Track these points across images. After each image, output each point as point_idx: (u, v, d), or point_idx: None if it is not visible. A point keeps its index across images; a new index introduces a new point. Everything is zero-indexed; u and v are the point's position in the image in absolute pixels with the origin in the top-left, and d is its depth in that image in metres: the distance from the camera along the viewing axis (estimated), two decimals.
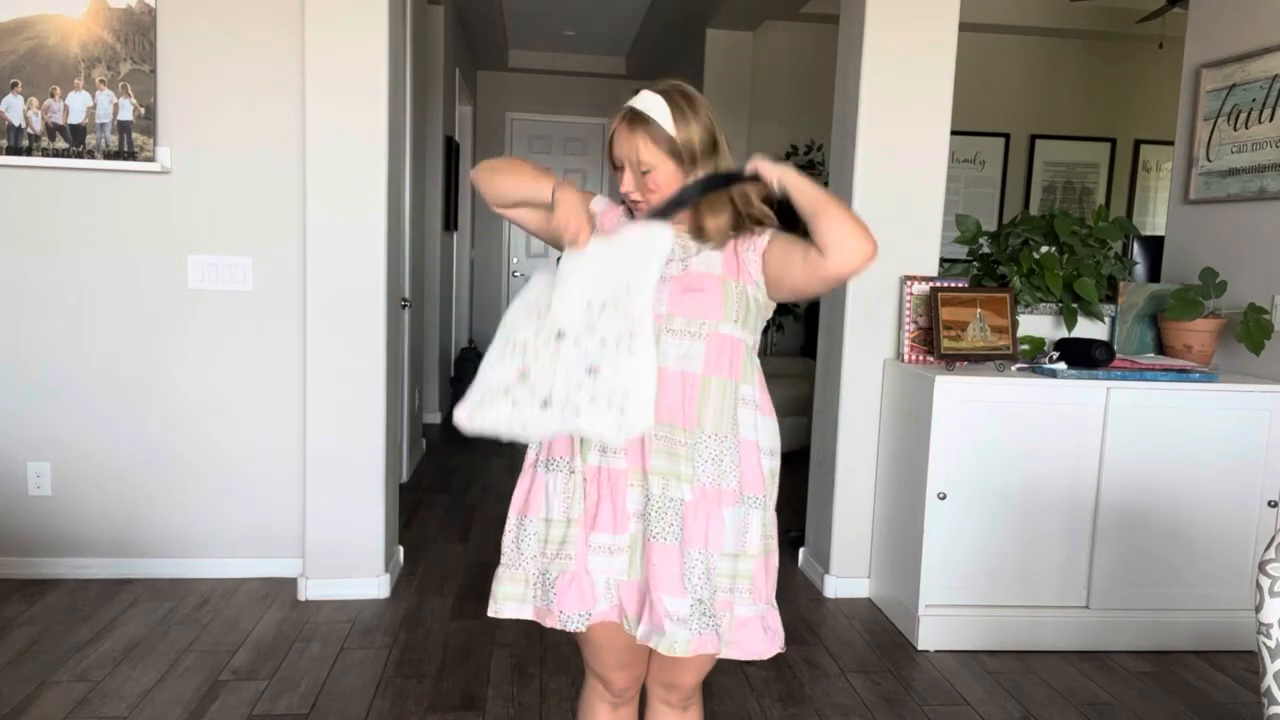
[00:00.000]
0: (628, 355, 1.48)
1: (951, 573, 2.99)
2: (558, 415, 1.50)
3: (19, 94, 3.12)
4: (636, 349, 1.49)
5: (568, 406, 1.49)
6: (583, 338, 1.51)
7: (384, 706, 2.51)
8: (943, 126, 3.30)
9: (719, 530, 1.55)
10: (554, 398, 1.50)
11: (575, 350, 1.51)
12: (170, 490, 3.34)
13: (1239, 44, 3.38)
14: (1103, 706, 2.68)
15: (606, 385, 1.48)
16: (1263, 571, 1.50)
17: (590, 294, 1.53)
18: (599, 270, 1.54)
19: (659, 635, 1.52)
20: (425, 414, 5.91)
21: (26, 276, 3.22)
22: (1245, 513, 3.04)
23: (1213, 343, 3.25)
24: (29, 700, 2.47)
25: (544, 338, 1.53)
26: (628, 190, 1.59)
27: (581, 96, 8.39)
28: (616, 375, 1.48)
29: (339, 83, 3.07)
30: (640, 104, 1.57)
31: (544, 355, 1.53)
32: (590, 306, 1.52)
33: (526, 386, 1.52)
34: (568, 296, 1.54)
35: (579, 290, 1.53)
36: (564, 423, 1.50)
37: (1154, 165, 6.57)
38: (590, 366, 1.49)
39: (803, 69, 6.34)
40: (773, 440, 1.63)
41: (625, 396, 1.47)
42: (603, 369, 1.49)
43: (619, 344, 1.49)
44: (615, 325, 1.50)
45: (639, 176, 1.57)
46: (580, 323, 1.52)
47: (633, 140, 1.56)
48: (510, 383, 1.54)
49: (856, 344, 3.36)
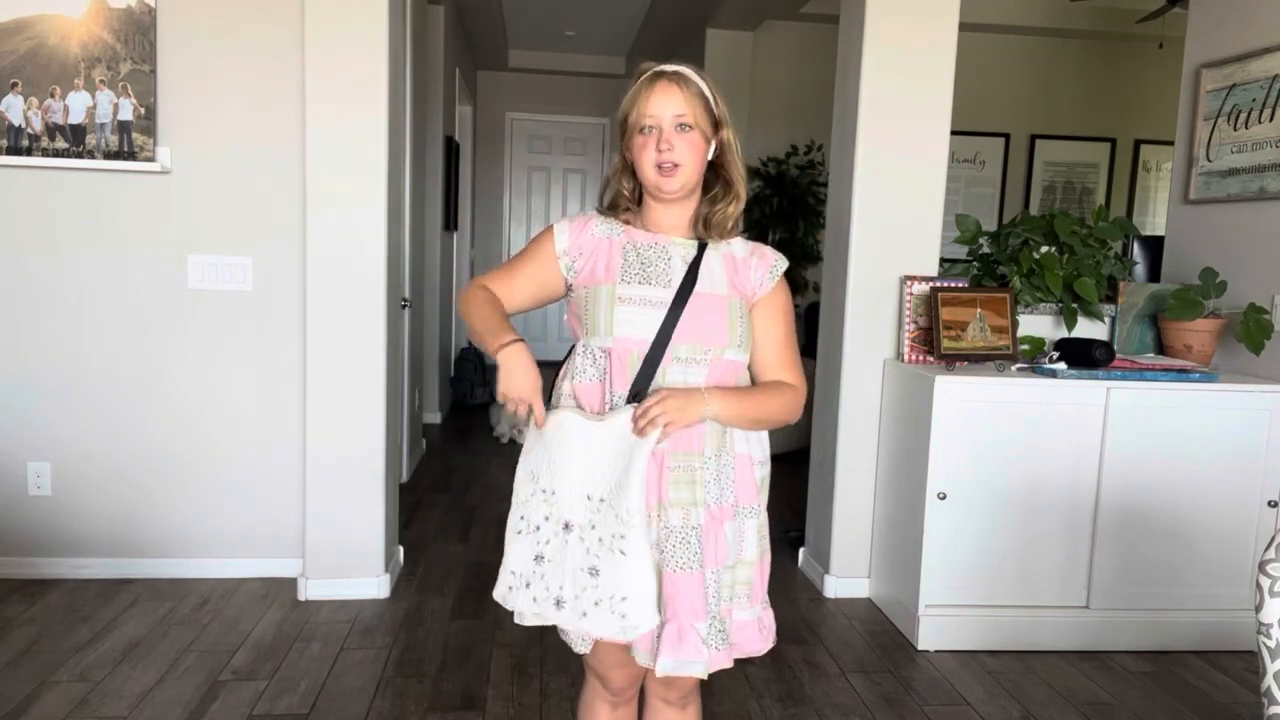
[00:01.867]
0: (620, 558, 1.46)
1: (951, 573, 2.99)
2: (569, 616, 1.51)
3: (19, 94, 3.12)
4: (629, 551, 1.46)
5: (576, 608, 1.50)
6: (585, 533, 1.50)
7: (384, 706, 2.51)
8: (943, 126, 3.30)
9: (722, 546, 1.56)
10: (565, 597, 1.51)
11: (579, 546, 1.50)
12: (170, 490, 3.34)
13: (1239, 44, 3.38)
14: (1103, 706, 2.68)
15: (607, 589, 1.48)
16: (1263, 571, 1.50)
17: (588, 485, 1.50)
18: (592, 460, 1.50)
19: (691, 663, 1.53)
20: (425, 414, 5.91)
21: (27, 277, 3.22)
22: (1245, 513, 3.04)
23: (1213, 343, 3.25)
24: (29, 700, 2.46)
25: (553, 525, 1.52)
26: (661, 151, 1.50)
27: (581, 96, 8.40)
28: (613, 579, 1.47)
29: (339, 83, 3.07)
30: (673, 68, 1.53)
31: (554, 544, 1.52)
32: (590, 500, 1.50)
33: (542, 583, 1.52)
34: (566, 481, 1.51)
35: (577, 478, 1.50)
36: (575, 624, 1.51)
37: (1154, 165, 6.57)
38: (591, 567, 1.49)
39: (803, 69, 6.34)
40: (764, 449, 1.64)
41: (624, 600, 1.46)
42: (601, 571, 1.48)
43: (612, 545, 1.47)
44: (609, 524, 1.48)
45: (679, 134, 1.49)
46: (583, 517, 1.50)
47: (676, 93, 1.50)
48: (529, 572, 1.54)
49: (856, 344, 3.36)
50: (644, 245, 1.57)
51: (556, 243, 1.58)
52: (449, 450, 5.55)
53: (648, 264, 1.55)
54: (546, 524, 1.52)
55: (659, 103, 1.50)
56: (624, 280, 1.53)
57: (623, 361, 1.52)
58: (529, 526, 1.54)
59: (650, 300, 1.52)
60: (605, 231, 1.59)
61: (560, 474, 1.51)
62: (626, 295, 1.52)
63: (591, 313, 1.54)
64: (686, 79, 1.51)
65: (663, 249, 1.57)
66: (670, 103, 1.50)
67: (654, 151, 1.50)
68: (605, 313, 1.52)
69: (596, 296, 1.54)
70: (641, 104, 1.51)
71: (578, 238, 1.58)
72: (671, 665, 1.53)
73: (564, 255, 1.58)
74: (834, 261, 3.49)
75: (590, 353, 1.56)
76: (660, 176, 1.51)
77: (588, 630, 1.51)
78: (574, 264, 1.58)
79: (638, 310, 1.52)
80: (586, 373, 1.56)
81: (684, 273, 1.55)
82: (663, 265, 1.55)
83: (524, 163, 8.56)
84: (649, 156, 1.51)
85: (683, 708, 1.74)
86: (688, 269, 1.55)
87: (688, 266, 1.55)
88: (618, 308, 1.52)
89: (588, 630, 1.51)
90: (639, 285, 1.53)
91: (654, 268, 1.55)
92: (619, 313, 1.52)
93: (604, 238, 1.58)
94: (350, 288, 3.15)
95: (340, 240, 3.12)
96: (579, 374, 1.57)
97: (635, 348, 1.51)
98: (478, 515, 4.28)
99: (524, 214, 8.64)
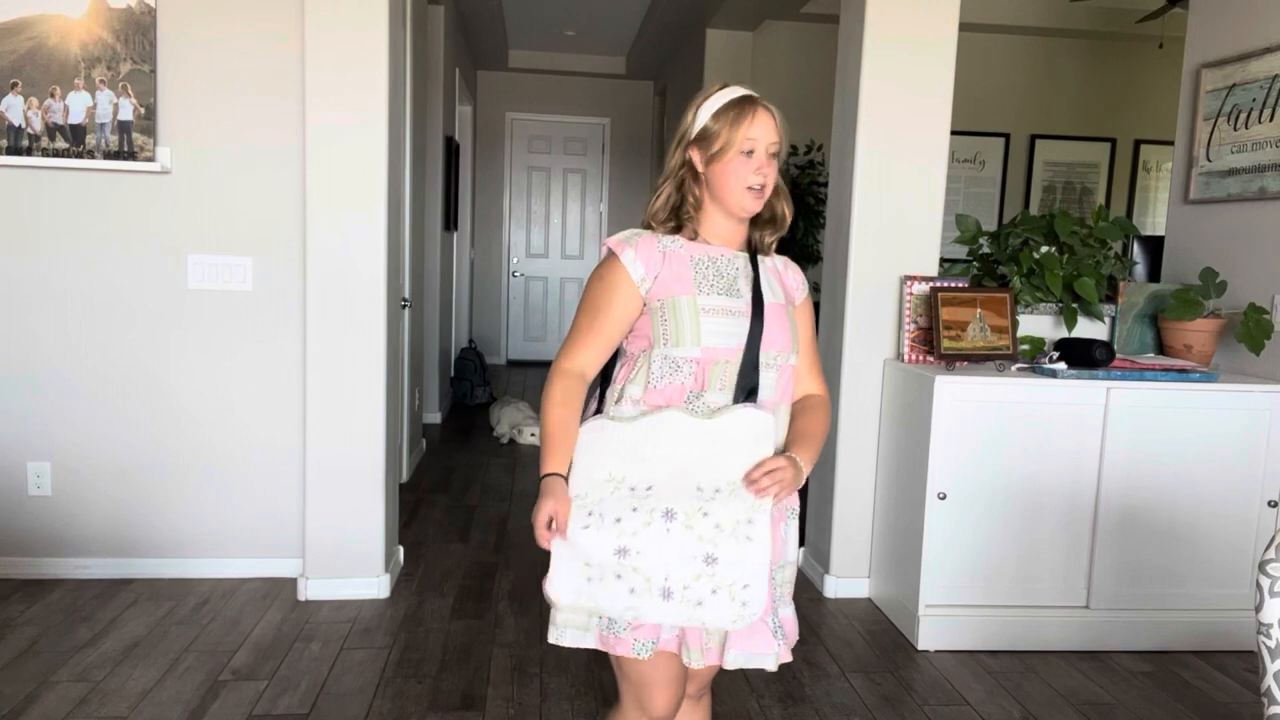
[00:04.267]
0: (746, 543, 1.49)
1: (951, 573, 2.99)
2: (678, 606, 1.50)
3: (19, 94, 3.12)
4: (755, 535, 1.49)
5: (688, 597, 1.49)
6: (694, 520, 1.50)
7: (384, 706, 2.51)
8: (943, 126, 3.30)
9: (778, 545, 1.61)
10: (673, 588, 1.49)
11: (687, 534, 1.49)
12: (170, 490, 3.34)
13: (1239, 44, 3.38)
14: (1103, 706, 2.68)
15: (727, 576, 1.49)
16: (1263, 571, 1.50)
17: (698, 477, 1.51)
18: (705, 452, 1.51)
19: (764, 656, 1.59)
20: (425, 414, 5.90)
21: (27, 276, 3.22)
22: (1245, 513, 3.04)
23: (1213, 343, 3.25)
24: (29, 700, 2.46)
25: (644, 516, 1.51)
26: (759, 177, 1.58)
27: (581, 96, 8.40)
28: (736, 566, 1.49)
29: (339, 82, 3.07)
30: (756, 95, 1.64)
31: (647, 535, 1.50)
32: (701, 491, 1.50)
33: (637, 575, 1.50)
34: (670, 473, 1.51)
35: (681, 470, 1.51)
36: (687, 615, 1.50)
37: (1154, 165, 6.57)
38: (707, 555, 1.49)
39: (803, 69, 6.33)
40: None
41: (746, 588, 1.49)
42: (720, 558, 1.49)
43: (736, 531, 1.49)
44: (732, 511, 1.50)
45: (766, 160, 1.59)
46: (690, 504, 1.50)
47: (772, 121, 1.60)
48: (613, 565, 1.51)
49: (856, 344, 3.36)
50: (711, 259, 1.62)
51: (632, 273, 1.60)
52: (449, 450, 5.55)
53: (721, 276, 1.60)
54: (633, 515, 1.51)
55: (762, 129, 1.58)
56: (702, 291, 1.58)
57: (707, 370, 1.57)
58: (602, 520, 1.52)
59: (730, 311, 1.58)
60: (669, 245, 1.62)
61: (662, 469, 1.52)
62: (710, 306, 1.57)
63: (672, 324, 1.57)
64: (775, 111, 1.63)
65: (729, 261, 1.63)
66: (769, 130, 1.59)
67: (748, 174, 1.57)
68: (690, 324, 1.56)
69: (677, 308, 1.57)
70: (746, 127, 1.57)
71: (649, 257, 1.60)
72: (743, 658, 1.58)
73: (642, 282, 1.59)
74: (834, 261, 3.49)
75: (672, 361, 1.58)
76: (751, 198, 1.58)
77: (703, 619, 1.50)
78: (651, 283, 1.60)
79: (722, 320, 1.57)
80: (666, 378, 1.59)
81: (745, 284, 1.62)
82: (733, 277, 1.62)
83: (524, 163, 8.57)
84: (742, 177, 1.57)
85: (699, 699, 1.80)
86: (752, 281, 1.63)
87: (750, 279, 1.63)
88: (703, 318, 1.56)
89: (703, 619, 1.50)
90: (718, 296, 1.58)
91: (726, 279, 1.61)
92: (705, 324, 1.56)
93: (670, 251, 1.61)
94: (350, 288, 3.15)
95: (340, 240, 3.12)
96: (658, 380, 1.58)
97: (720, 355, 1.57)
98: (478, 515, 4.28)
99: (524, 214, 8.64)
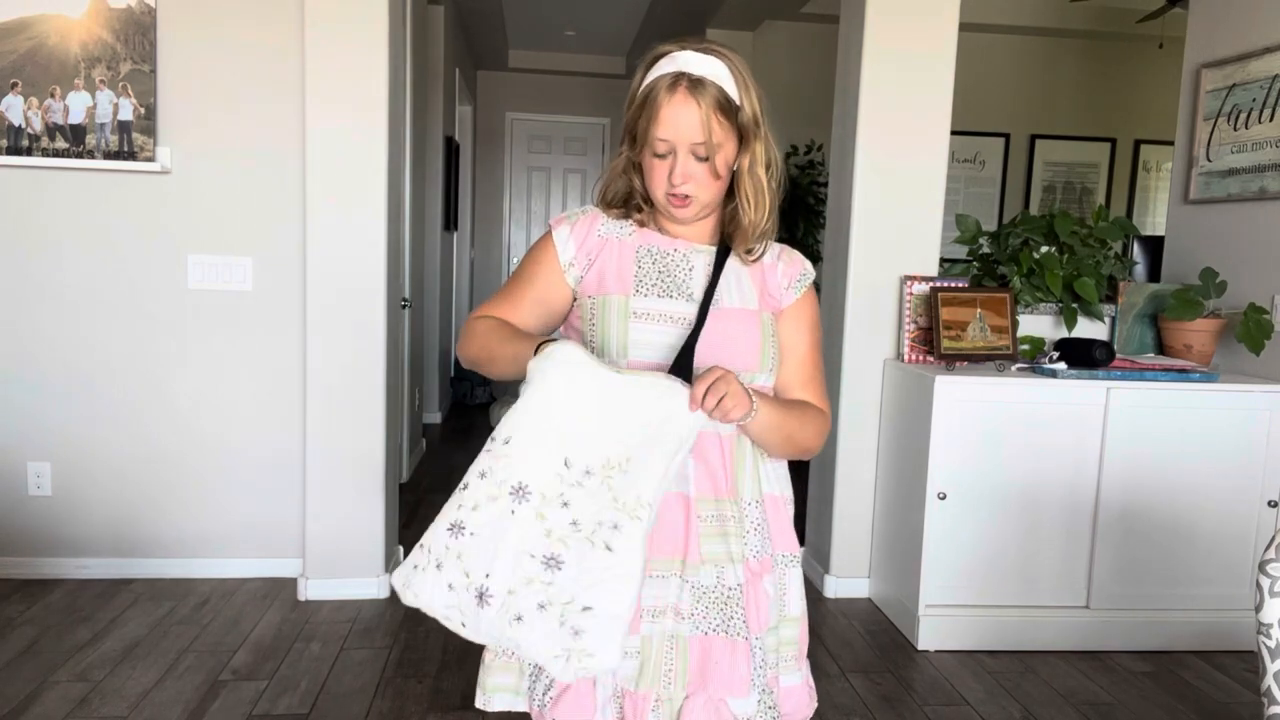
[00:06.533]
0: (602, 553, 1.12)
1: (951, 573, 2.99)
2: (494, 617, 1.14)
3: (19, 94, 3.12)
4: (618, 548, 1.11)
5: (508, 607, 1.13)
6: (548, 508, 1.13)
7: (384, 706, 2.51)
8: (943, 126, 3.30)
9: (764, 606, 1.32)
10: (492, 590, 1.13)
11: (535, 525, 1.13)
12: (170, 490, 3.34)
13: (1239, 44, 3.38)
14: (1103, 706, 2.68)
15: (564, 590, 1.12)
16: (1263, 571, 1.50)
17: (572, 447, 1.14)
18: (592, 416, 1.14)
19: None
20: (425, 414, 5.91)
21: (26, 277, 3.22)
22: (1245, 513, 3.04)
23: (1213, 343, 3.25)
24: (29, 700, 2.47)
25: (491, 487, 1.15)
26: (675, 184, 1.26)
27: (581, 96, 8.39)
28: (581, 580, 1.11)
29: (339, 83, 3.07)
30: (697, 67, 1.23)
31: (488, 512, 1.14)
32: (569, 468, 1.14)
33: (459, 564, 1.15)
34: (536, 431, 1.15)
35: (555, 432, 1.14)
36: (500, 631, 1.15)
37: (1154, 165, 6.57)
38: (549, 555, 1.12)
39: (803, 69, 6.33)
40: (789, 486, 1.41)
41: (585, 612, 1.11)
42: (565, 563, 1.12)
43: (593, 534, 1.12)
44: (596, 505, 1.13)
45: (695, 163, 1.25)
46: (549, 486, 1.14)
47: (694, 112, 1.22)
48: (441, 548, 1.16)
49: (856, 344, 3.36)
50: (661, 251, 1.33)
51: (561, 255, 1.33)
52: (449, 450, 5.55)
53: (666, 273, 1.31)
54: (480, 481, 1.15)
55: (673, 124, 1.23)
56: (639, 292, 1.30)
57: None
58: (464, 489, 1.18)
59: (670, 316, 1.29)
60: (613, 231, 1.34)
61: (529, 421, 1.15)
62: (642, 310, 1.29)
63: (600, 328, 1.29)
64: (705, 88, 1.23)
65: (684, 256, 1.33)
66: (686, 126, 1.23)
67: (666, 179, 1.27)
68: (617, 330, 1.28)
69: (606, 309, 1.29)
70: (656, 123, 1.24)
71: (583, 240, 1.34)
72: None
73: (570, 267, 1.33)
74: (834, 261, 3.49)
75: None
76: (670, 204, 1.29)
77: (516, 643, 1.14)
78: (581, 272, 1.33)
79: (656, 328, 1.28)
80: None
81: (701, 283, 1.32)
82: (683, 275, 1.32)
83: (524, 163, 8.56)
84: (660, 183, 1.28)
85: None
86: (710, 279, 1.31)
87: (710, 277, 1.31)
88: (632, 324, 1.28)
89: (516, 643, 1.14)
90: (656, 298, 1.29)
91: (673, 278, 1.31)
92: (634, 330, 1.28)
93: (612, 238, 1.34)
94: (350, 288, 3.15)
95: (340, 240, 3.13)
96: None
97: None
98: None
99: (524, 214, 8.64)
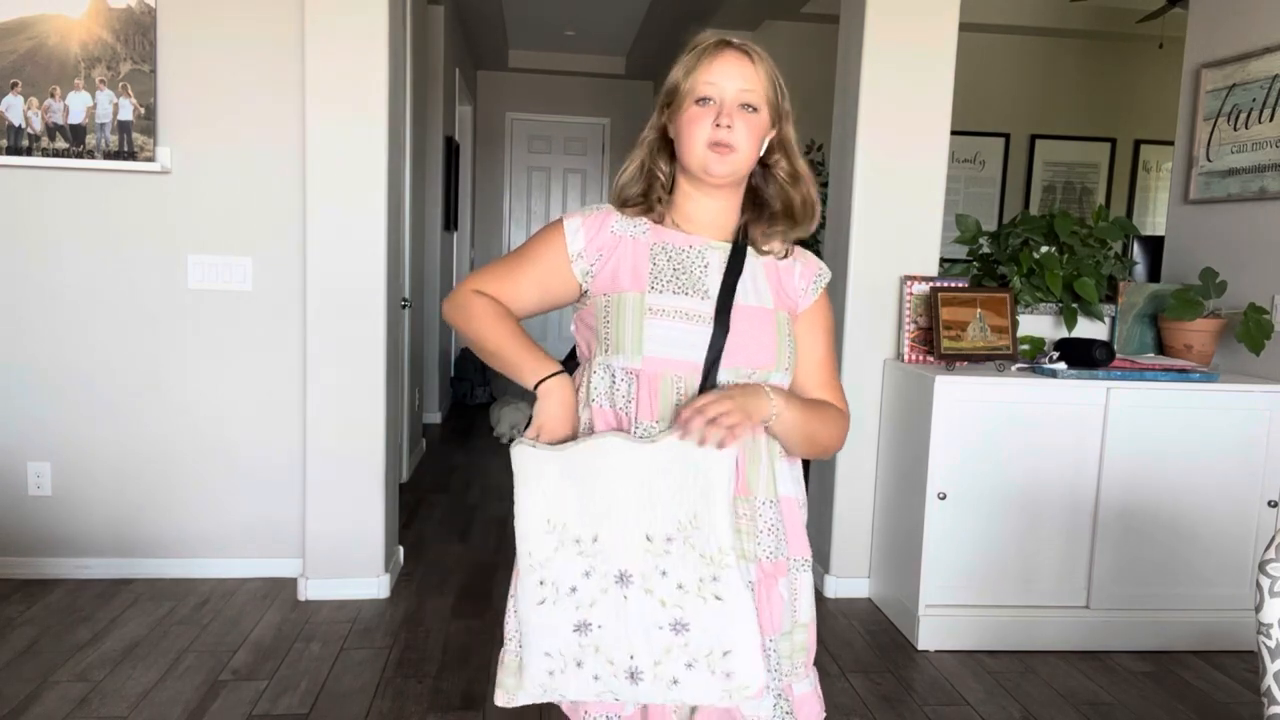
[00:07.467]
0: (716, 604, 1.21)
1: (951, 573, 2.99)
2: (654, 687, 1.24)
3: (19, 94, 3.12)
4: (726, 595, 1.21)
5: (662, 676, 1.23)
6: (653, 582, 1.22)
7: (384, 706, 2.51)
8: (943, 126, 3.30)
9: (777, 609, 1.34)
10: (641, 667, 1.23)
11: (648, 600, 1.22)
12: (170, 490, 3.34)
13: (1239, 44, 3.38)
14: (1103, 706, 2.68)
15: (702, 645, 1.22)
16: (1263, 571, 1.50)
17: (646, 523, 1.21)
18: (647, 492, 1.21)
19: None
20: (425, 414, 5.91)
21: (26, 276, 3.22)
22: (1245, 513, 3.04)
23: (1213, 343, 3.25)
24: (29, 700, 2.46)
25: (599, 582, 1.23)
26: (721, 125, 1.27)
27: (581, 96, 8.39)
28: (708, 632, 1.21)
29: (339, 83, 3.07)
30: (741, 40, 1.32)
31: (605, 605, 1.23)
32: (651, 541, 1.21)
33: (599, 656, 1.24)
34: (615, 522, 1.22)
35: (623, 515, 1.22)
36: (665, 695, 1.25)
37: (1154, 165, 6.57)
38: (675, 622, 1.22)
39: (803, 69, 6.30)
40: (803, 488, 1.43)
41: (727, 656, 1.21)
42: (691, 625, 1.22)
43: (701, 590, 1.21)
44: (689, 566, 1.21)
45: (735, 110, 1.28)
46: (645, 563, 1.22)
47: (745, 64, 1.29)
48: (573, 648, 1.25)
49: (856, 344, 3.36)
50: (677, 247, 1.33)
51: (570, 244, 1.33)
52: (449, 450, 5.55)
53: (681, 269, 1.31)
54: (587, 581, 1.23)
55: (724, 71, 1.28)
56: (654, 288, 1.29)
57: (653, 387, 1.28)
58: (557, 592, 1.25)
59: (686, 313, 1.29)
60: (627, 229, 1.34)
61: (604, 513, 1.22)
62: (658, 306, 1.28)
63: (615, 325, 1.29)
64: (758, 54, 1.30)
65: (699, 252, 1.33)
66: (738, 75, 1.28)
67: (709, 126, 1.27)
68: (632, 327, 1.28)
69: (621, 306, 1.29)
70: (703, 70, 1.29)
71: (595, 236, 1.33)
72: None
73: (579, 259, 1.33)
74: (834, 261, 3.49)
75: (610, 373, 1.31)
76: (710, 154, 1.28)
77: (683, 700, 1.24)
78: (591, 267, 1.33)
79: (672, 325, 1.28)
80: (604, 398, 1.31)
81: (717, 281, 1.32)
82: (699, 271, 1.32)
83: (524, 163, 8.56)
84: (701, 131, 1.27)
85: None
86: (724, 276, 1.32)
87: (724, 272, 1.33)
88: (647, 321, 1.28)
89: (683, 700, 1.24)
90: (673, 295, 1.29)
91: (689, 275, 1.31)
92: (650, 327, 1.27)
93: (626, 236, 1.34)
94: (350, 287, 3.15)
95: (340, 240, 3.12)
96: (597, 395, 1.31)
97: (668, 370, 1.28)
98: (478, 515, 4.28)
99: (524, 214, 8.64)
